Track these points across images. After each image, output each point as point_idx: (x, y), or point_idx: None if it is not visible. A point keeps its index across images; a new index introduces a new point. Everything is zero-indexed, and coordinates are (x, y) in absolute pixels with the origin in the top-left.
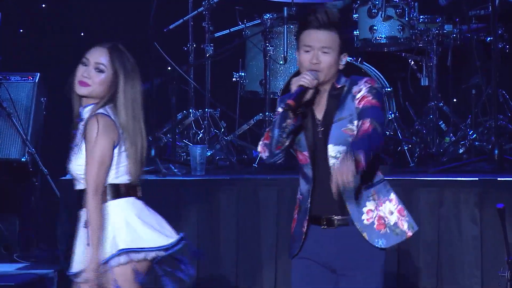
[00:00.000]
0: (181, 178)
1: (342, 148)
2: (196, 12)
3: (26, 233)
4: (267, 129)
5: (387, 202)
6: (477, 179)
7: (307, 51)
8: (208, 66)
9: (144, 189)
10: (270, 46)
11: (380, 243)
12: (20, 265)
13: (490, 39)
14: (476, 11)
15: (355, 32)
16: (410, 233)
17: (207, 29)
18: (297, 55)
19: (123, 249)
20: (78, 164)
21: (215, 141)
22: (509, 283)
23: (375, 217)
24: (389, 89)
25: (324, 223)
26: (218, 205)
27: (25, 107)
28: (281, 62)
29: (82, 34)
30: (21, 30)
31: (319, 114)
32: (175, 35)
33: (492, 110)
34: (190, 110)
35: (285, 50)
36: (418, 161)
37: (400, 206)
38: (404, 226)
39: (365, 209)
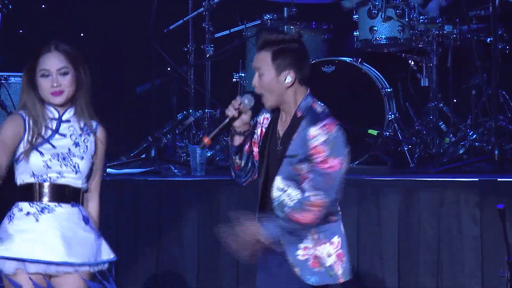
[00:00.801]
0: (181, 178)
1: (290, 182)
2: (196, 12)
3: None
4: None
5: (327, 244)
6: (477, 179)
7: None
8: (208, 66)
9: (144, 189)
10: None
11: (312, 280)
12: None
13: (490, 40)
14: (476, 12)
15: (355, 33)
16: (342, 280)
17: (207, 29)
18: None
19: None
20: (89, 162)
21: (215, 142)
22: (509, 284)
23: (310, 254)
24: (389, 90)
25: None
26: (218, 206)
27: None
28: None
29: (82, 34)
30: (20, 31)
31: (282, 131)
32: (175, 36)
33: (492, 111)
34: (190, 110)
35: None
36: (418, 162)
37: (341, 251)
38: (339, 271)
39: (301, 245)
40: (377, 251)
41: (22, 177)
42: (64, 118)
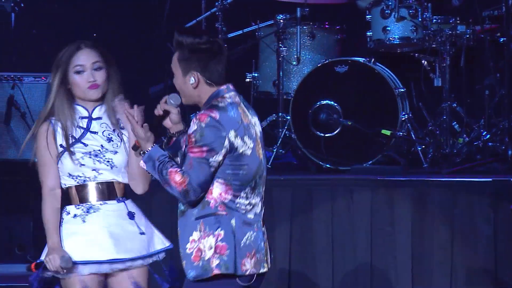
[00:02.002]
0: None
1: None
2: (209, 12)
3: (40, 233)
4: None
5: (211, 236)
6: (490, 179)
7: None
8: None
9: (157, 189)
10: (283, 47)
11: (191, 274)
12: None
13: (503, 40)
14: (489, 12)
15: (368, 33)
16: (216, 271)
17: (220, 29)
18: None
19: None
20: (125, 156)
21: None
22: None
23: (195, 248)
24: (402, 90)
25: None
26: None
27: (38, 107)
28: (294, 62)
29: (94, 35)
30: (34, 31)
31: None
32: None
33: (506, 111)
34: None
35: (298, 50)
36: (432, 162)
37: (222, 244)
38: (214, 263)
39: (190, 238)
40: (390, 251)
41: (64, 181)
42: (94, 115)
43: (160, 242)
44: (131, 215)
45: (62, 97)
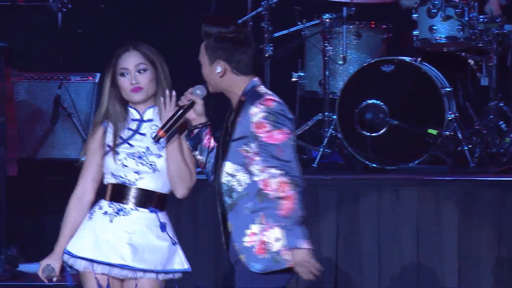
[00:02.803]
0: None
1: (238, 167)
2: (255, 12)
3: None
4: None
5: (276, 228)
6: None
7: None
8: (267, 66)
9: (203, 188)
10: (329, 46)
11: (257, 267)
12: None
13: None
14: None
15: (414, 32)
16: (291, 263)
17: (266, 29)
18: None
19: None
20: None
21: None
22: None
23: (257, 241)
24: (449, 89)
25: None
26: None
27: (85, 107)
28: (340, 62)
29: (139, 34)
30: (80, 31)
31: (230, 119)
32: None
33: None
34: None
35: (344, 50)
36: (478, 162)
37: None
38: (287, 255)
39: (248, 231)
40: (436, 250)
41: (106, 178)
42: (145, 117)
43: (179, 263)
44: (163, 227)
45: (114, 100)
